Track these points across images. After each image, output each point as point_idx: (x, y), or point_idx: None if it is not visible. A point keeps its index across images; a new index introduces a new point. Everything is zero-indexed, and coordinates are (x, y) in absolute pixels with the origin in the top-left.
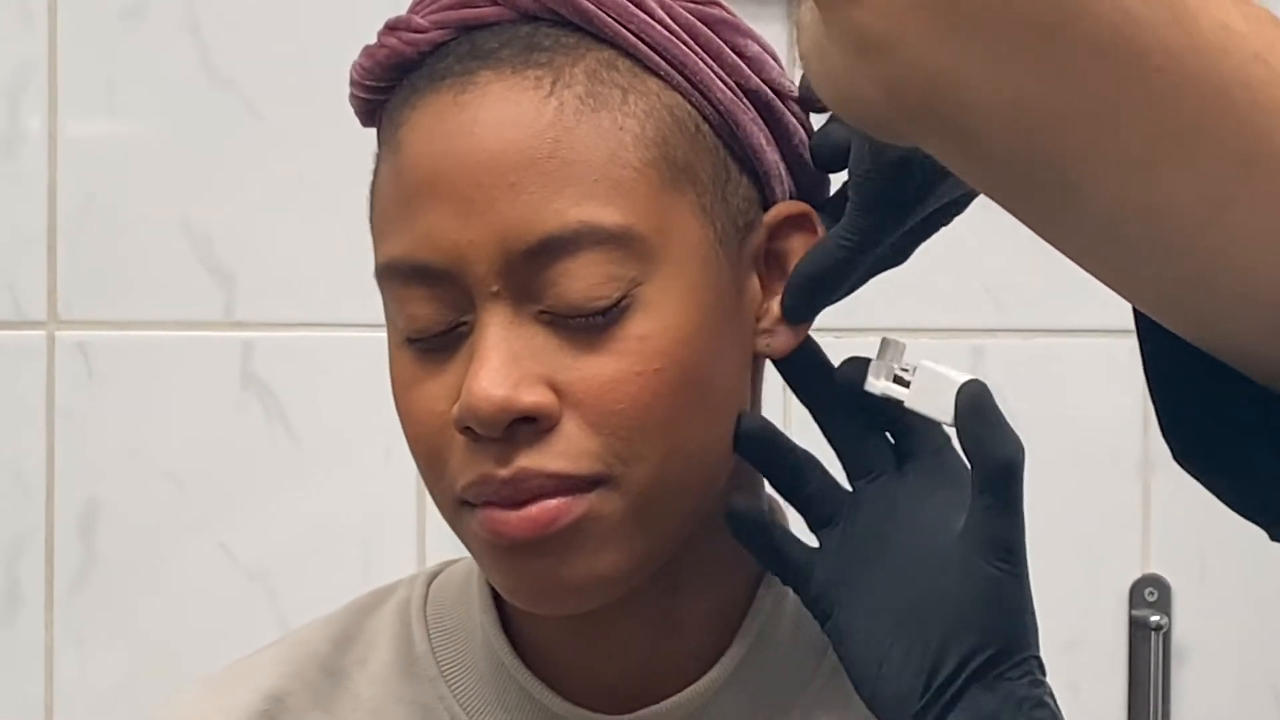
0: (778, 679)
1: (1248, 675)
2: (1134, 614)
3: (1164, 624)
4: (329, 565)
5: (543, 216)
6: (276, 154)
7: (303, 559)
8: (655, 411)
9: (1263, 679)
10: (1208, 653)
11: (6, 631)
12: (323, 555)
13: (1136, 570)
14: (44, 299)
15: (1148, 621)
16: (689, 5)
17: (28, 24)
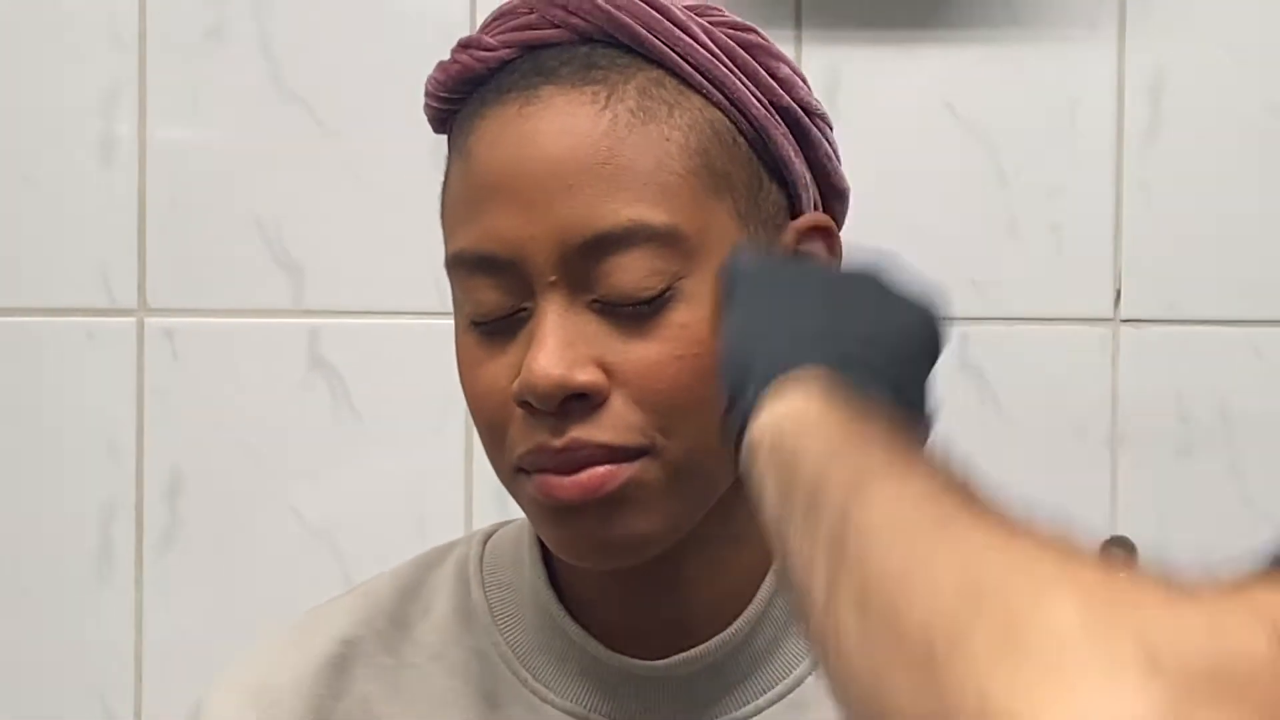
0: (789, 631)
1: None
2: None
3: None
4: (387, 526)
5: (598, 215)
6: (338, 160)
7: (363, 521)
8: (693, 391)
9: None
10: None
11: (101, 589)
12: (381, 517)
13: (1106, 532)
14: (135, 289)
15: None
16: (728, 30)
17: (119, 44)
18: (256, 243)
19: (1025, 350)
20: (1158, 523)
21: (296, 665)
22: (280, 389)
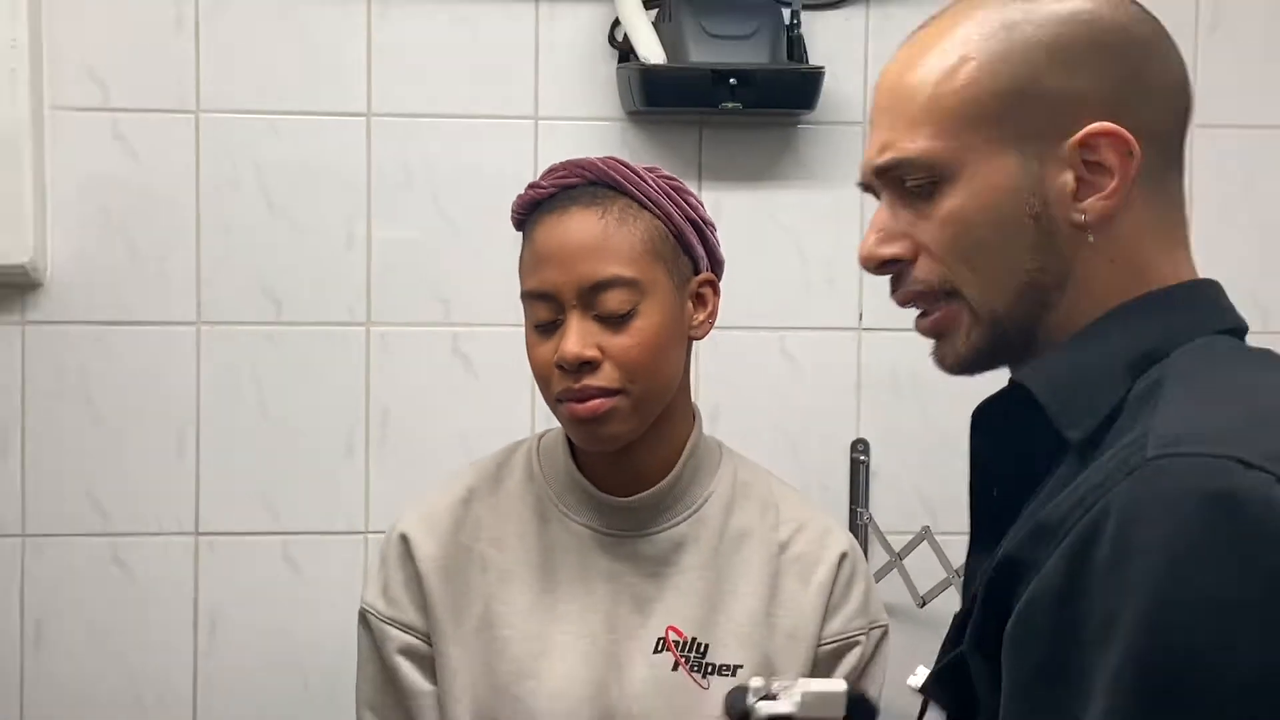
0: (702, 475)
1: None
2: (853, 456)
3: (865, 461)
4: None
5: (597, 271)
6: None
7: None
8: (645, 362)
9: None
10: (887, 476)
11: (341, 472)
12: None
13: (854, 433)
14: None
15: (859, 461)
16: (664, 179)
17: None
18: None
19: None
20: (886, 424)
21: (444, 500)
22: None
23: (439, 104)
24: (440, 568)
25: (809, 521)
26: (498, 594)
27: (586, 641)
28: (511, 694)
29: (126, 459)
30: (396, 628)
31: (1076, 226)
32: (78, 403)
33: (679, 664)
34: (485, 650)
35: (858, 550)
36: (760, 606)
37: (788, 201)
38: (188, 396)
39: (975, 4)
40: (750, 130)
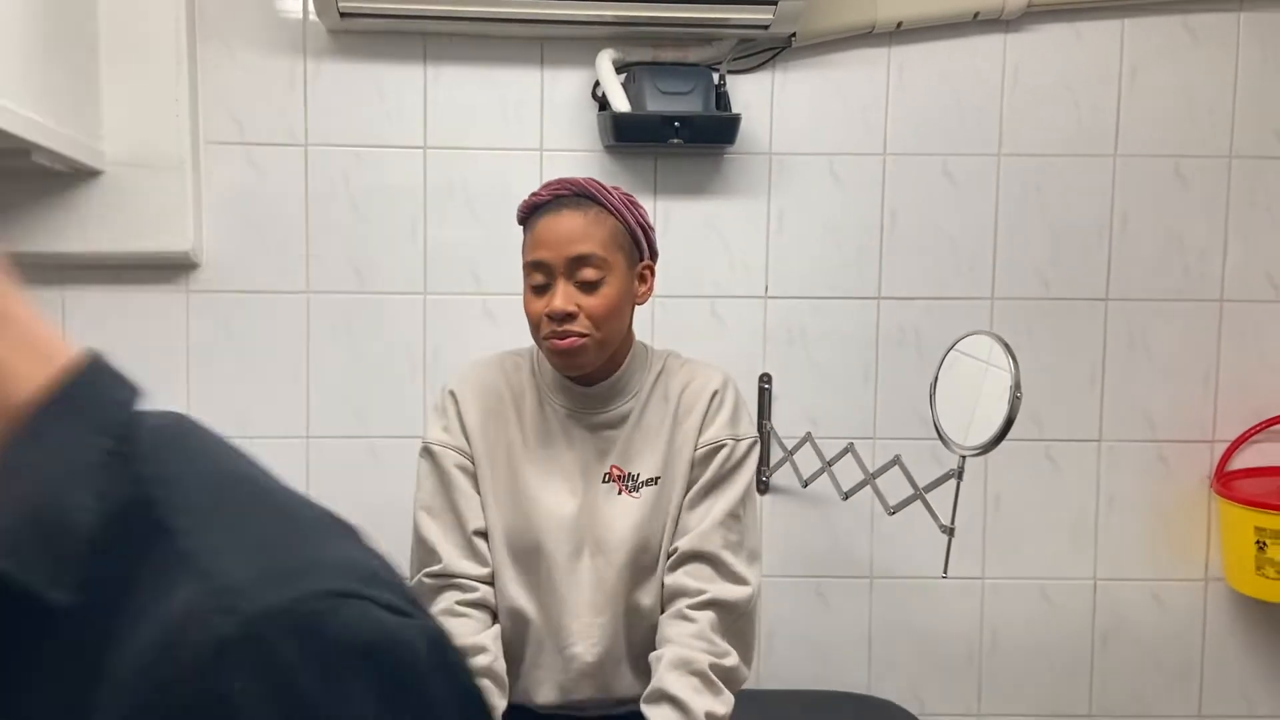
0: (637, 373)
1: (799, 406)
2: (760, 385)
3: (769, 388)
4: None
5: (578, 250)
6: (496, 241)
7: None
8: (606, 317)
9: (803, 412)
10: (783, 398)
11: (407, 392)
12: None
13: (761, 369)
14: (422, 280)
15: (764, 388)
16: (624, 194)
17: None
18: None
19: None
20: (787, 356)
21: (478, 375)
22: (471, 323)
23: (474, 139)
24: (478, 422)
25: (697, 377)
26: (515, 443)
27: (567, 479)
28: (524, 508)
29: (259, 385)
30: (454, 451)
31: None
32: (226, 346)
33: (621, 490)
34: (509, 479)
35: (729, 388)
36: (666, 439)
37: (716, 209)
38: (300, 341)
39: None
40: (690, 159)
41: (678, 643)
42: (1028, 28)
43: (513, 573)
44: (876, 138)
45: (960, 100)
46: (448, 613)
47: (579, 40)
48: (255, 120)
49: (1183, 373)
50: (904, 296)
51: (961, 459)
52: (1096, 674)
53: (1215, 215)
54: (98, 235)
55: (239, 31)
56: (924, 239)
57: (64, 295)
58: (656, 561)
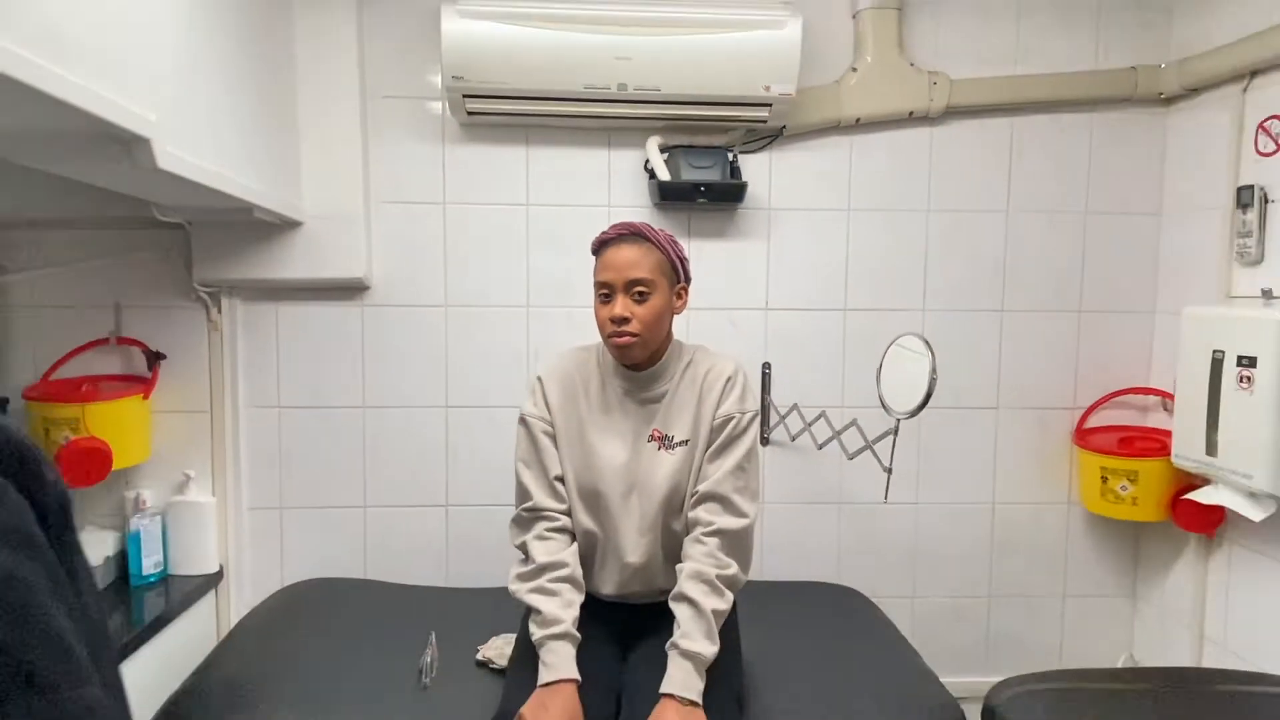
0: (673, 364)
1: (791, 385)
2: (763, 371)
3: (769, 373)
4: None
5: (634, 274)
6: (571, 263)
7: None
8: (651, 323)
9: (792, 389)
10: (780, 380)
11: (514, 377)
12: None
13: (764, 359)
14: (525, 296)
15: (766, 373)
16: (667, 236)
17: None
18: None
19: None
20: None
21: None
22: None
23: (561, 199)
24: (557, 399)
25: (716, 365)
26: (583, 414)
27: (621, 440)
28: (589, 461)
29: (412, 370)
30: (540, 420)
31: None
32: (388, 345)
33: (661, 448)
34: (580, 441)
35: (739, 375)
36: (693, 411)
37: (731, 247)
38: (441, 340)
39: None
40: (712, 212)
41: (694, 559)
42: (947, 123)
43: (581, 506)
44: (842, 198)
45: (900, 172)
46: (539, 537)
47: (635, 130)
48: (409, 186)
49: (1054, 361)
50: (861, 309)
51: (898, 421)
52: (994, 567)
53: (1075, 252)
54: (299, 267)
55: (399, 124)
56: (875, 269)
57: (277, 309)
58: (684, 500)
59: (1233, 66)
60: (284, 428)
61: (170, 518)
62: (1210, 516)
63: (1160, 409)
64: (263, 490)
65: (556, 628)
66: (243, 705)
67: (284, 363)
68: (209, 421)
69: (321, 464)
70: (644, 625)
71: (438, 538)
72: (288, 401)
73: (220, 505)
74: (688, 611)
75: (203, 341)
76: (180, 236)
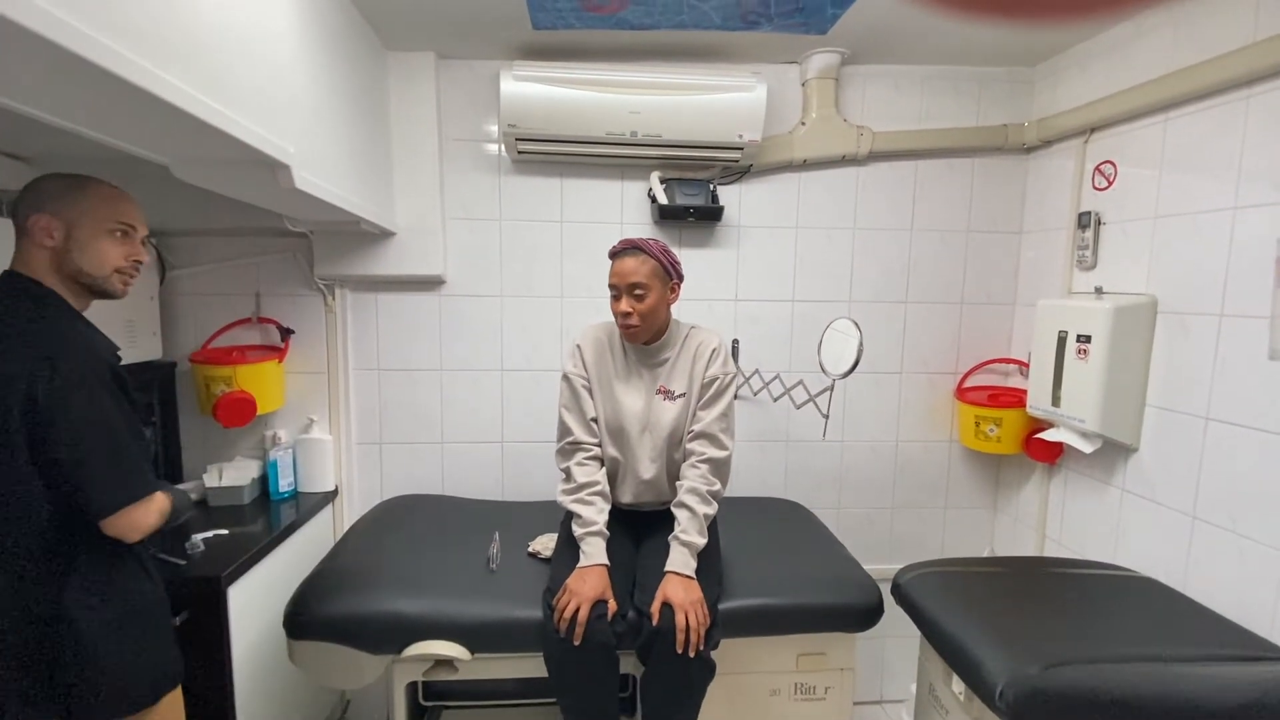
0: (673, 339)
1: (757, 357)
2: (733, 345)
3: (738, 345)
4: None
5: (633, 280)
6: (584, 266)
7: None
8: (648, 314)
9: (755, 359)
10: (747, 352)
11: (549, 350)
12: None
13: (733, 336)
14: (559, 289)
15: (735, 348)
16: (660, 246)
17: None
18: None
19: None
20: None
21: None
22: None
23: (587, 217)
24: (592, 360)
25: (705, 339)
26: (610, 373)
27: (638, 393)
28: (614, 408)
29: (478, 344)
30: (579, 377)
31: None
32: (460, 326)
33: (665, 399)
34: (608, 392)
35: (722, 346)
36: (688, 373)
37: (712, 254)
38: (498, 320)
39: None
40: (698, 228)
41: (689, 479)
42: (870, 164)
43: (609, 440)
44: (792, 218)
45: (835, 200)
46: (579, 463)
47: (642, 166)
48: (475, 206)
49: (942, 338)
50: (807, 300)
51: (833, 381)
52: (896, 487)
53: (957, 259)
54: (393, 266)
55: (466, 160)
56: (817, 270)
57: (376, 299)
58: (682, 437)
59: (1077, 124)
60: (382, 385)
61: (299, 450)
62: (1053, 450)
63: (1018, 374)
64: (367, 430)
65: (593, 527)
66: (356, 587)
67: (382, 337)
68: (326, 380)
69: (409, 411)
70: (652, 525)
71: (495, 465)
72: (385, 365)
73: (336, 441)
74: (685, 514)
75: (321, 321)
76: (305, 242)
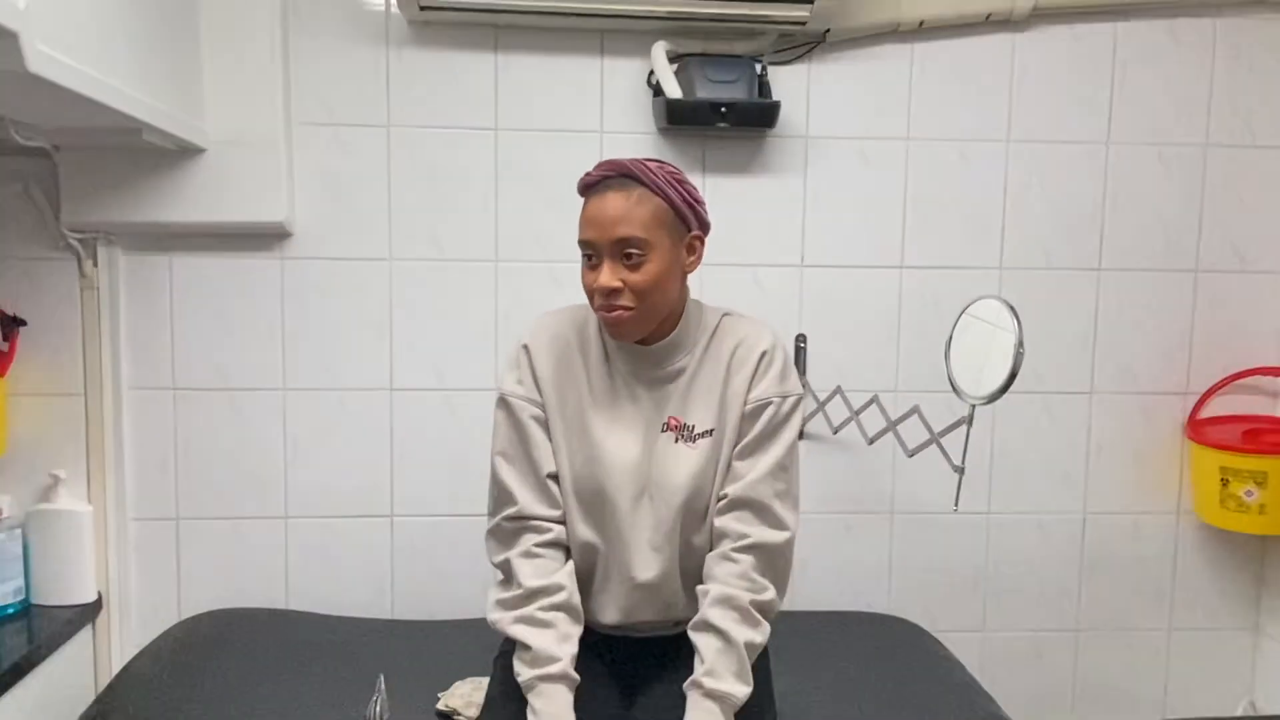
0: (692, 332)
1: (831, 362)
2: (797, 345)
3: (804, 347)
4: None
5: (622, 232)
6: (558, 210)
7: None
8: (649, 290)
9: (834, 368)
10: (817, 355)
11: (480, 349)
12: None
13: (798, 330)
14: (494, 249)
15: (800, 347)
16: (670, 171)
17: None
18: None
19: None
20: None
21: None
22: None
23: (540, 122)
24: (549, 373)
25: (747, 336)
26: (583, 393)
27: (630, 429)
28: (590, 455)
29: (345, 343)
30: (528, 402)
31: None
32: (316, 307)
33: (679, 439)
34: (580, 430)
35: (778, 349)
36: (719, 394)
37: (758, 185)
38: (384, 303)
39: None
40: (734, 141)
41: (722, 581)
42: (1033, 28)
43: (580, 513)
44: (900, 124)
45: (974, 91)
46: (526, 555)
47: (636, 33)
48: (342, 104)
49: (1162, 333)
50: (923, 265)
51: (972, 408)
52: (1083, 595)
53: (1192, 196)
54: (201, 207)
55: (328, 23)
56: (941, 215)
57: (171, 260)
58: (708, 506)
59: None
60: (180, 415)
61: (34, 531)
62: None
63: None
64: (153, 496)
65: (551, 667)
66: None
67: (180, 331)
68: (83, 407)
69: (230, 462)
70: (655, 663)
71: (380, 557)
72: (185, 382)
73: (98, 515)
74: (714, 644)
75: (74, 304)
76: (45, 167)
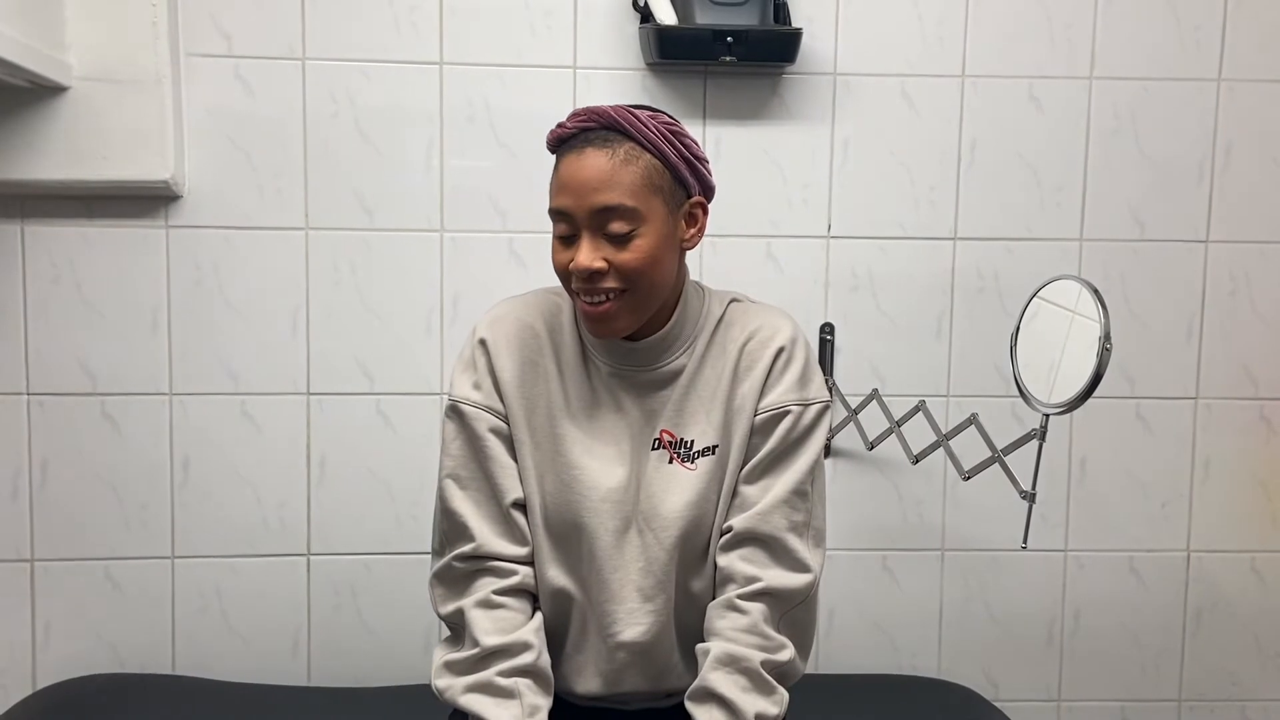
0: (690, 322)
1: (865, 360)
2: (821, 336)
3: (831, 340)
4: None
5: (605, 201)
6: (521, 173)
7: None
8: (642, 270)
9: (870, 367)
10: (848, 351)
11: (420, 346)
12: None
13: (822, 318)
14: (439, 217)
15: (826, 339)
16: (664, 122)
17: None
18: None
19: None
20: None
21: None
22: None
23: (498, 55)
24: (514, 375)
25: (760, 328)
26: (555, 399)
27: (614, 444)
28: (565, 478)
29: (250, 335)
30: (487, 412)
31: None
32: (210, 291)
33: (674, 459)
34: (551, 446)
35: (798, 343)
36: (723, 401)
37: (773, 136)
38: (298, 286)
39: None
40: (744, 79)
41: (726, 637)
42: None
43: (552, 552)
44: (954, 57)
45: (1048, 15)
46: (484, 604)
47: None
48: (245, 31)
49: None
50: (983, 237)
51: (1044, 418)
52: (1189, 655)
53: None
54: (63, 161)
55: None
56: (1006, 172)
57: (23, 229)
58: (709, 542)
59: None
60: (37, 429)
61: None
62: None
63: None
64: (2, 533)
65: None
66: None
67: (36, 322)
68: None
69: (101, 488)
70: None
71: (294, 607)
72: (43, 386)
73: None
74: (718, 717)
75: None
76: None
